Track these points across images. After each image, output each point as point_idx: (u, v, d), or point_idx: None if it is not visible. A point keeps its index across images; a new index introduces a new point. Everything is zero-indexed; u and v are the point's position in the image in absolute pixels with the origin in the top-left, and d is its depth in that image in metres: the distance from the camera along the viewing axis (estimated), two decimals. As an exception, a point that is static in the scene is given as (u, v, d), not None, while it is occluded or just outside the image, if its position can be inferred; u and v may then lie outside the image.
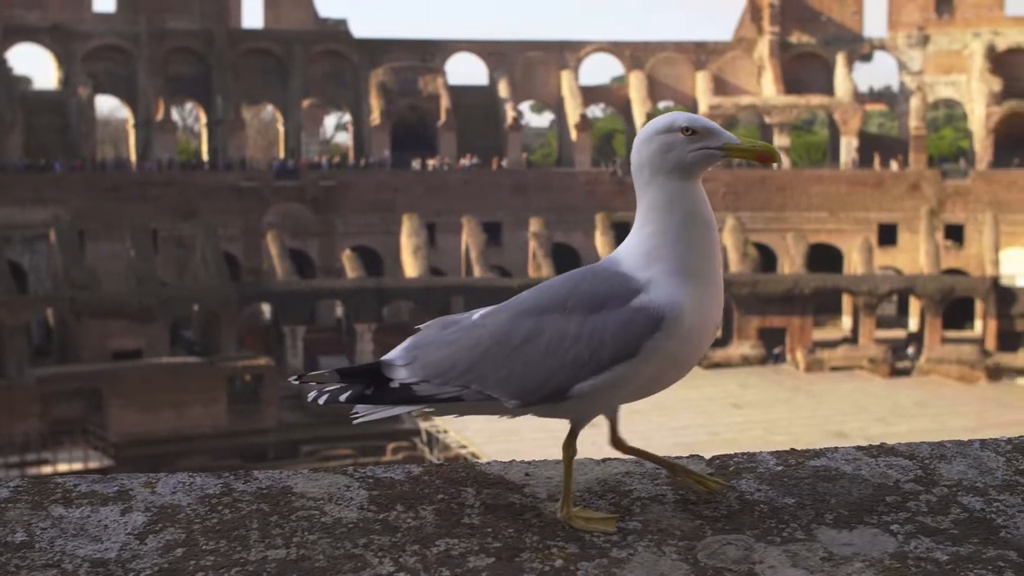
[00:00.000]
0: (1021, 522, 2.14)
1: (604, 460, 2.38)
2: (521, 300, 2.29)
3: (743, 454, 2.42)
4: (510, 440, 41.67)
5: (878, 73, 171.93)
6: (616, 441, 2.37)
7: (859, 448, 2.46)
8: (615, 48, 67.21)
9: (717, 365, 53.79)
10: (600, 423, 2.36)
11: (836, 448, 2.45)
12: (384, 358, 2.31)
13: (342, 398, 2.24)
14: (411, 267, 55.81)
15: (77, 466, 40.90)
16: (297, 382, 2.30)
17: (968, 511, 2.18)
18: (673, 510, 2.17)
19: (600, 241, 58.30)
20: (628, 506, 2.18)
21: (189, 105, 73.26)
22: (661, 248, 2.20)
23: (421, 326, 2.37)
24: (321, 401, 2.25)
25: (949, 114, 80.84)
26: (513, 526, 2.09)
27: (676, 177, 2.22)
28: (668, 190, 2.22)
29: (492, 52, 66.00)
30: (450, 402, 2.24)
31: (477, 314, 2.33)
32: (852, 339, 56.67)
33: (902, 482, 2.30)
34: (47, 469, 40.60)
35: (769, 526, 2.10)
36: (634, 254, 2.23)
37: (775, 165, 2.96)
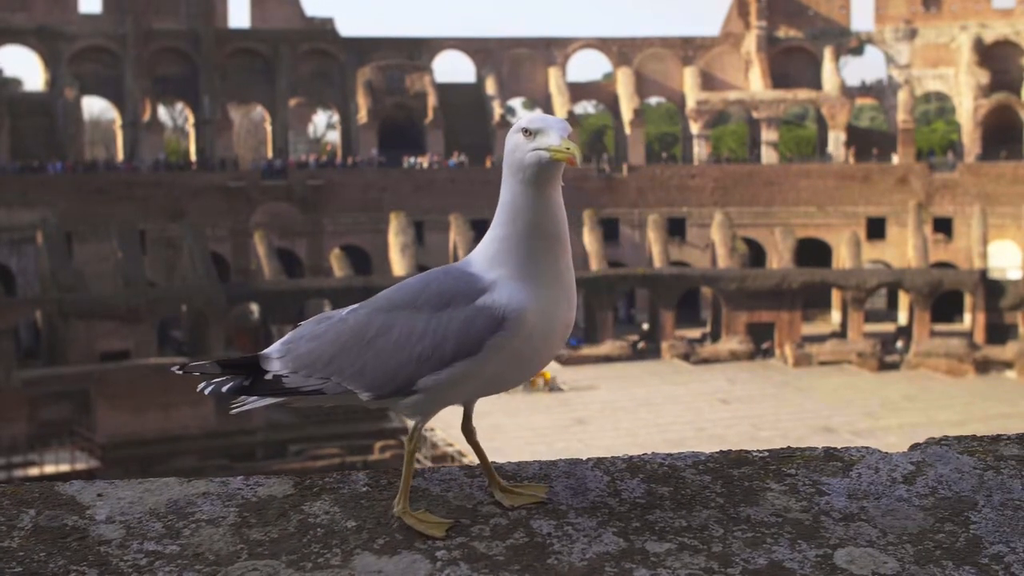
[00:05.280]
0: (578, 548, 2.09)
1: (189, 481, 2.35)
2: (380, 296, 2.34)
3: (336, 474, 2.39)
4: (495, 438, 41.67)
5: (870, 67, 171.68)
6: (467, 430, 2.41)
7: (462, 467, 2.42)
8: (602, 44, 67.12)
9: (705, 360, 53.74)
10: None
11: (440, 468, 2.42)
12: (264, 351, 2.38)
13: (224, 389, 2.33)
14: (399, 265, 55.79)
15: (64, 468, 40.99)
16: (180, 372, 2.36)
17: (532, 535, 2.14)
18: (224, 534, 2.13)
19: (588, 238, 58.23)
20: (180, 529, 2.15)
21: (179, 105, 73.27)
22: (504, 253, 2.24)
23: (303, 322, 2.42)
24: (207, 392, 2.32)
25: (941, 107, 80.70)
26: (49, 550, 2.07)
27: (521, 180, 2.23)
28: (515, 193, 2.24)
29: (479, 49, 65.97)
30: (314, 395, 2.30)
31: (348, 310, 2.39)
32: (841, 333, 56.58)
33: (484, 503, 2.26)
34: (34, 471, 40.68)
35: (315, 550, 2.07)
36: (483, 255, 2.28)
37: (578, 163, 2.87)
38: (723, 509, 2.27)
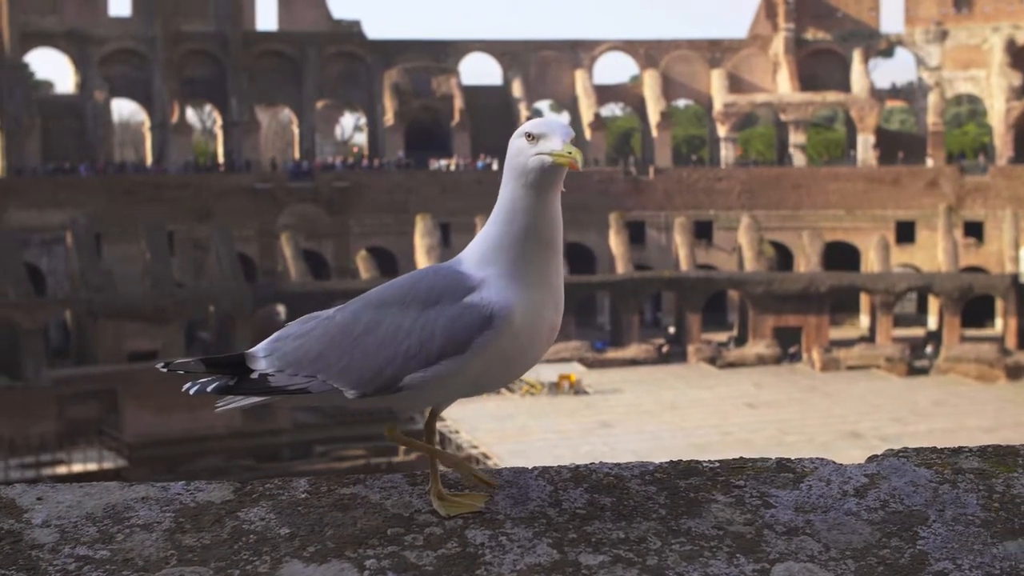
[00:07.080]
0: (510, 559, 2.06)
1: (130, 485, 2.35)
2: (369, 294, 2.34)
3: (276, 480, 2.38)
4: (520, 441, 41.66)
5: (900, 69, 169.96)
6: (429, 428, 2.40)
7: (405, 476, 2.41)
8: (629, 47, 66.96)
9: (731, 365, 53.47)
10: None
11: (381, 476, 2.41)
12: (249, 350, 2.36)
13: (209, 388, 2.31)
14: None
15: (92, 467, 41.33)
16: (165, 370, 2.34)
17: (465, 545, 2.11)
18: (157, 539, 2.13)
19: (614, 240, 58.13)
20: (113, 534, 2.15)
21: (208, 107, 73.79)
22: (496, 252, 2.24)
23: (291, 322, 2.42)
24: (192, 392, 2.30)
25: (972, 109, 79.93)
26: (-23, 555, 2.07)
27: (524, 184, 2.23)
28: (516, 196, 2.24)
29: (505, 52, 66.01)
30: (299, 394, 2.28)
31: (335, 308, 2.39)
32: (869, 338, 56.13)
33: (421, 512, 2.24)
34: (62, 470, 41.04)
35: (244, 557, 2.06)
36: (474, 254, 2.28)
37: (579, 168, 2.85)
38: (664, 521, 2.23)
